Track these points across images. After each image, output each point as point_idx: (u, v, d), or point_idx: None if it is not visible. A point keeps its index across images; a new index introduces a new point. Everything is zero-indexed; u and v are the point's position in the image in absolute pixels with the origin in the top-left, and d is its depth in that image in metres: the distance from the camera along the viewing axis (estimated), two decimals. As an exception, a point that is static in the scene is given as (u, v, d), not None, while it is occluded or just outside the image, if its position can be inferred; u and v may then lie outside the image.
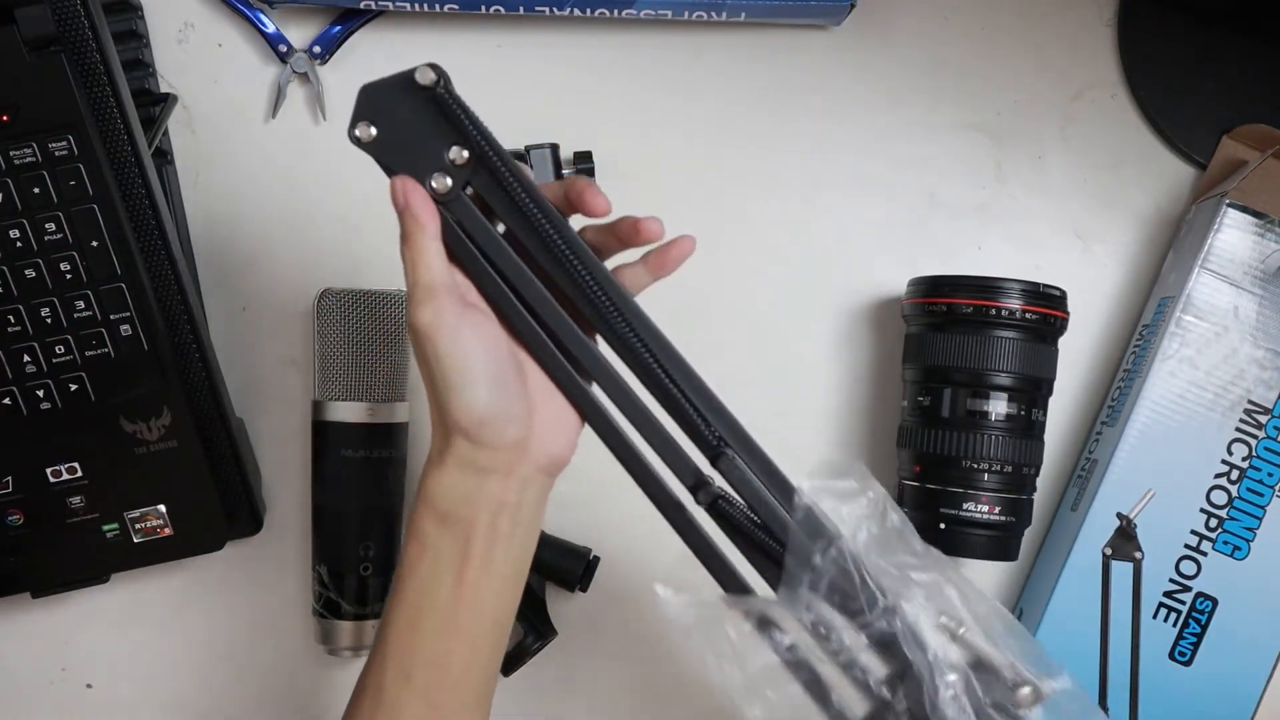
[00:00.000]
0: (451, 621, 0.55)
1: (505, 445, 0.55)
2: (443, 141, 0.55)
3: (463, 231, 0.56)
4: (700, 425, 0.56)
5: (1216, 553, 0.74)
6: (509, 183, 0.55)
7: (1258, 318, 0.74)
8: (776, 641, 0.54)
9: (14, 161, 0.67)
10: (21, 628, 0.77)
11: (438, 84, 0.54)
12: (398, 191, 0.55)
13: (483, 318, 0.56)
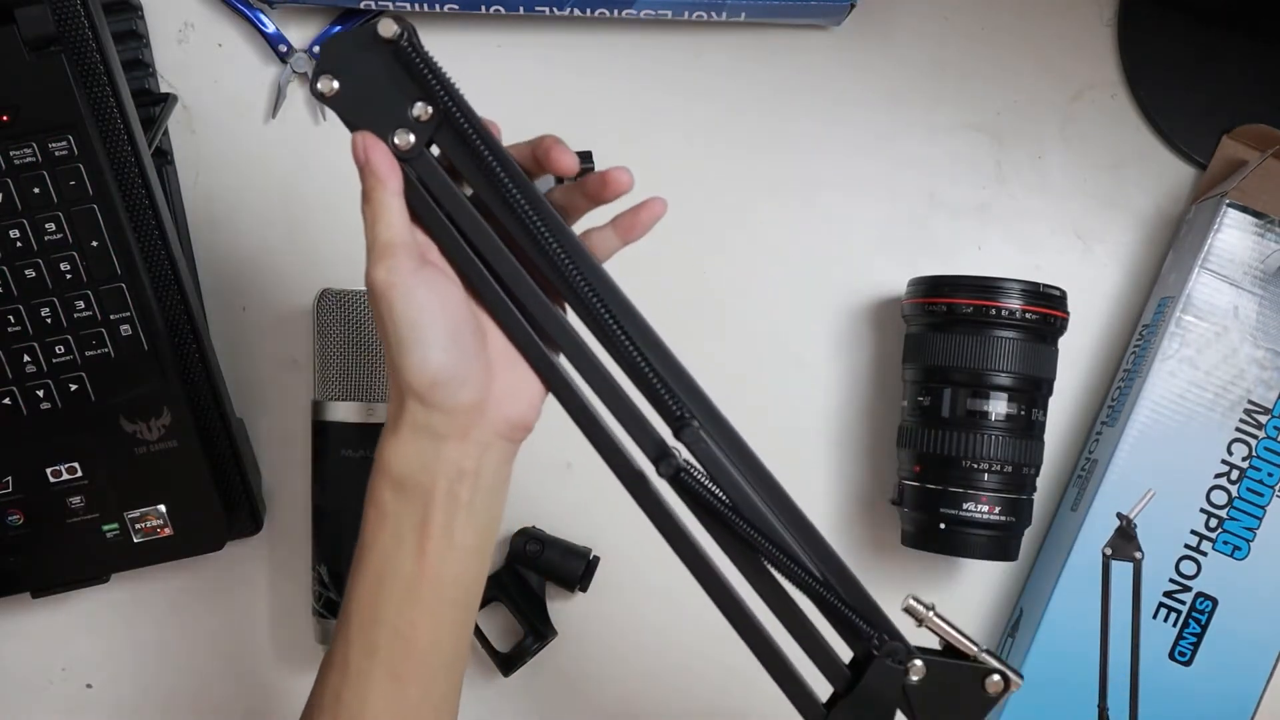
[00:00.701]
0: (414, 592, 0.54)
1: (459, 408, 0.54)
2: (406, 97, 0.54)
3: (426, 190, 0.55)
4: (664, 395, 0.55)
5: (1216, 553, 0.74)
6: (473, 140, 0.54)
7: (1258, 318, 0.74)
8: None
9: (14, 161, 0.67)
10: (21, 628, 0.77)
11: (401, 36, 0.53)
12: (358, 147, 0.54)
13: (441, 277, 0.54)
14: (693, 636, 0.79)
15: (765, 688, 0.80)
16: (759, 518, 0.56)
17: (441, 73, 0.54)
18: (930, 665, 0.56)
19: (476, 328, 0.55)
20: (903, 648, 0.56)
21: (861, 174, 0.80)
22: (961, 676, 0.56)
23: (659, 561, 0.78)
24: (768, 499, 0.56)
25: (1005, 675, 0.56)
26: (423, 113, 0.54)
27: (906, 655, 0.56)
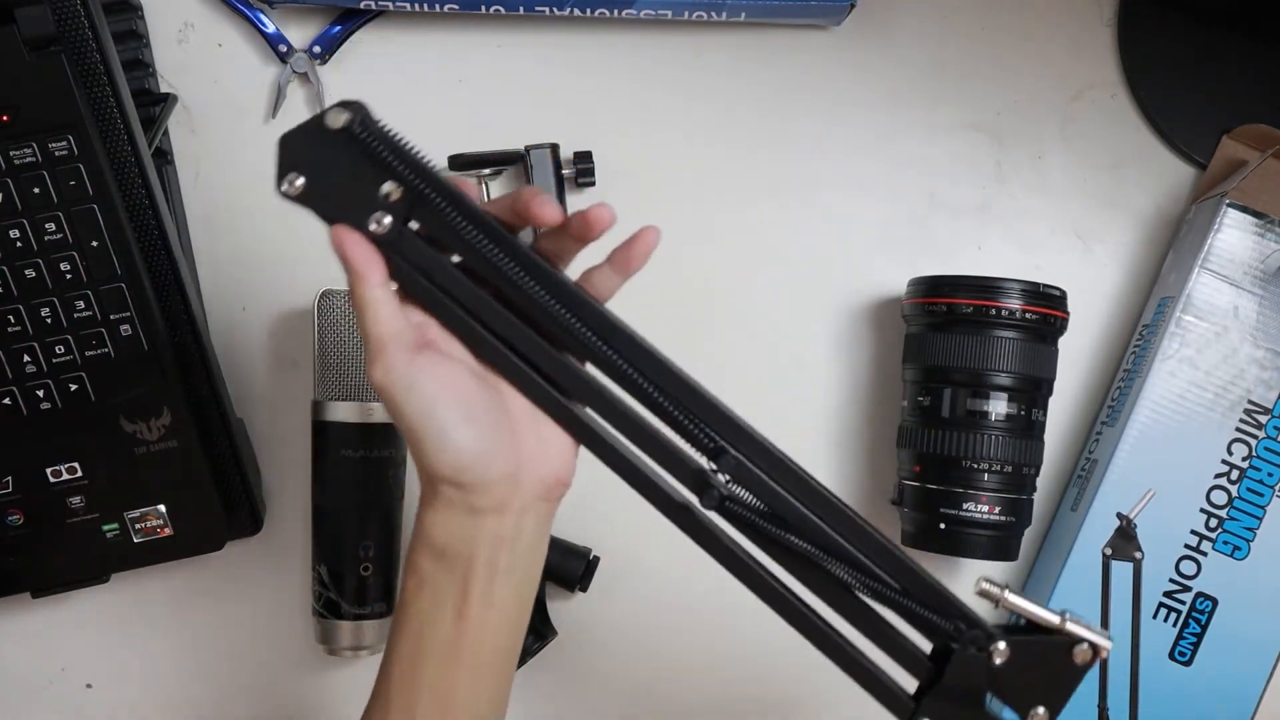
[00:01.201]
0: (454, 655, 0.54)
1: (492, 483, 0.53)
2: (373, 179, 0.53)
3: (414, 267, 0.54)
4: (692, 428, 0.55)
5: (1216, 553, 0.74)
6: (445, 213, 0.52)
7: (1258, 318, 0.74)
8: None
9: (14, 161, 0.67)
10: (21, 628, 0.77)
11: (352, 124, 0.52)
12: (335, 243, 0.53)
13: (442, 360, 0.53)
14: (692, 636, 0.79)
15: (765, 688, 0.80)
16: (812, 530, 0.55)
17: (401, 148, 0.52)
18: (1014, 645, 0.55)
19: (492, 400, 0.54)
20: (983, 634, 0.55)
21: (861, 174, 0.80)
22: (1048, 650, 0.55)
23: (659, 562, 0.78)
24: (816, 507, 0.55)
25: (1093, 643, 0.55)
26: (392, 190, 0.53)
27: (988, 640, 0.55)
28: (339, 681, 0.78)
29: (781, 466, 0.55)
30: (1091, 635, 0.55)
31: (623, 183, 0.79)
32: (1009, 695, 0.56)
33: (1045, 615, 0.55)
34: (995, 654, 0.55)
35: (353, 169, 0.53)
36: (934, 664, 0.56)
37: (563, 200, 0.77)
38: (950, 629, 0.55)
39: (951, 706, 0.56)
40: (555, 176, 0.77)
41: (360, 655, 0.75)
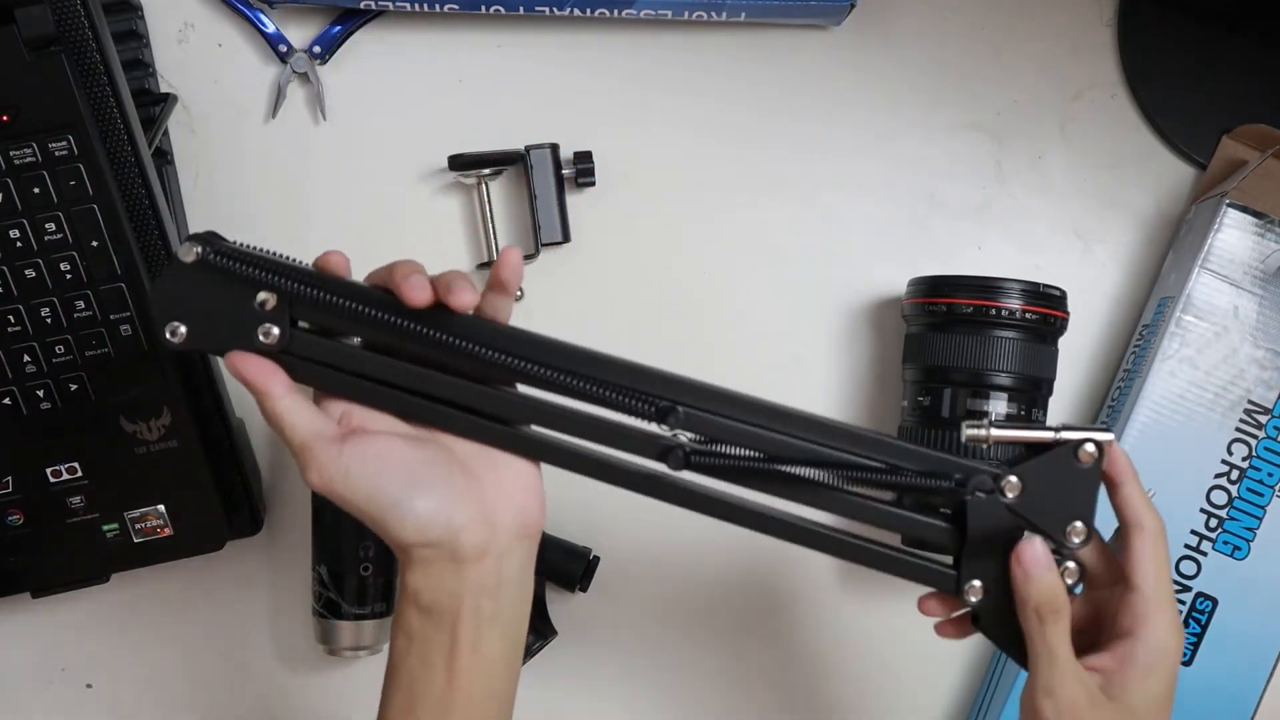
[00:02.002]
0: (447, 705, 0.55)
1: (463, 531, 0.54)
2: (245, 295, 0.54)
3: (316, 361, 0.55)
4: (630, 401, 0.55)
5: (1217, 553, 0.74)
6: (320, 299, 0.54)
7: (1258, 318, 0.74)
8: None
9: (14, 161, 0.67)
10: (21, 628, 0.77)
11: (205, 254, 0.54)
12: (231, 370, 0.54)
13: (368, 440, 0.54)
14: (692, 636, 0.79)
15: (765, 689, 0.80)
16: (784, 448, 0.55)
17: (259, 257, 0.54)
18: (1020, 474, 0.55)
19: (436, 456, 0.55)
20: (986, 476, 0.55)
21: (861, 174, 0.80)
22: (1055, 466, 0.55)
23: (659, 561, 0.78)
24: (779, 425, 0.56)
25: (1093, 440, 0.54)
26: (267, 299, 0.54)
27: (993, 480, 0.55)
28: (339, 681, 0.78)
29: (730, 400, 0.56)
30: (1088, 433, 0.54)
31: (623, 183, 0.79)
32: (1038, 524, 0.55)
33: (1038, 434, 0.55)
34: (1007, 489, 0.55)
35: (224, 294, 0.54)
36: (957, 527, 0.56)
37: (562, 200, 0.77)
38: (953, 485, 0.55)
39: (990, 558, 0.56)
40: (555, 176, 0.77)
41: (360, 655, 0.75)
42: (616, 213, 0.79)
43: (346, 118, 0.79)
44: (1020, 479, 0.55)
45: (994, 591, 0.56)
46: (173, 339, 0.55)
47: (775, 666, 0.80)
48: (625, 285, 0.79)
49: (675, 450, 0.55)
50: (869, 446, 0.56)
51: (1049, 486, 0.55)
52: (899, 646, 0.79)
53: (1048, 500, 0.55)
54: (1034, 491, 0.55)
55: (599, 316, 0.79)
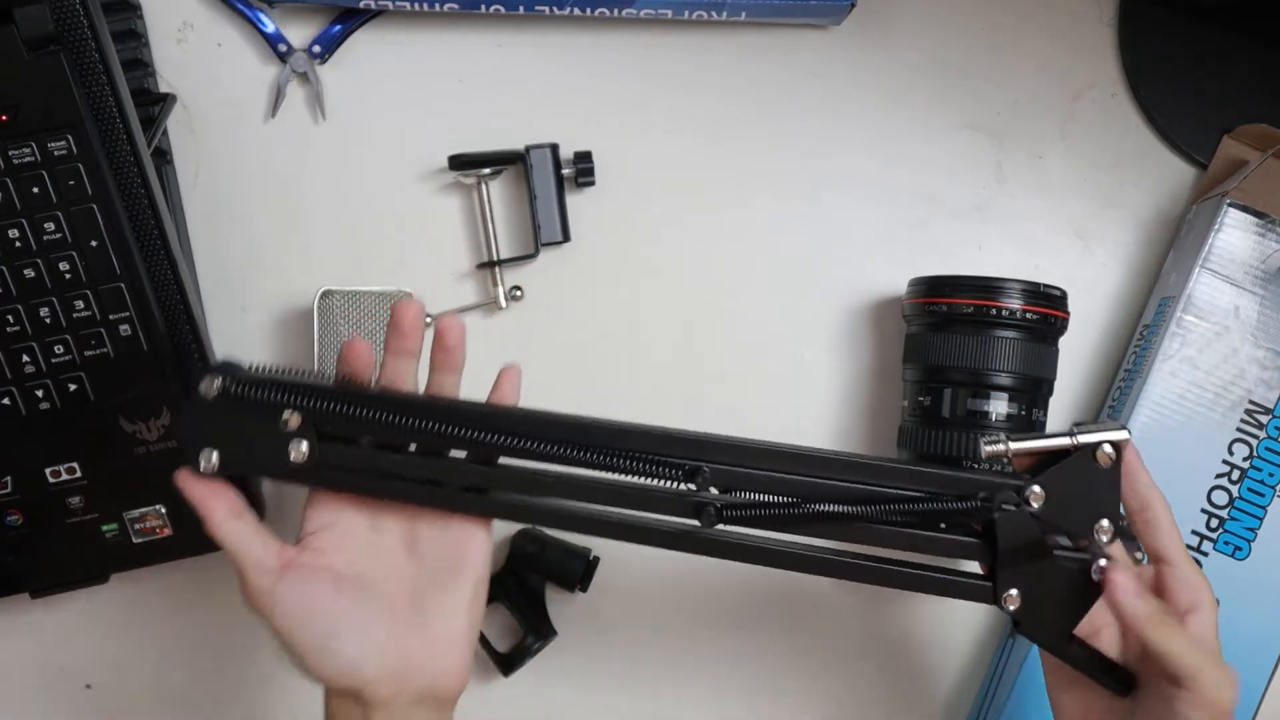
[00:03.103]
0: None
1: (371, 681, 0.55)
2: (271, 417, 0.56)
3: (347, 469, 0.57)
4: (656, 468, 0.56)
5: (1217, 553, 0.74)
6: (342, 415, 0.55)
7: (1259, 318, 0.74)
8: None
9: (13, 161, 0.67)
10: (21, 628, 0.77)
11: (226, 385, 0.56)
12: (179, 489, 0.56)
13: (301, 581, 0.56)
14: (692, 636, 0.79)
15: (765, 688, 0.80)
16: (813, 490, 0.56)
17: (278, 381, 0.56)
18: (1043, 483, 0.56)
19: (366, 608, 0.57)
20: (1010, 491, 0.56)
21: (861, 174, 0.80)
22: (1075, 470, 0.56)
23: (659, 561, 0.78)
24: (806, 467, 0.57)
25: (1109, 440, 0.55)
26: (291, 420, 0.56)
27: (1017, 493, 0.56)
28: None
29: (753, 451, 0.57)
30: (1104, 434, 0.55)
31: (623, 183, 0.79)
32: (1066, 528, 0.57)
33: (1054, 442, 0.56)
34: (1032, 499, 0.56)
35: (250, 419, 0.56)
36: (988, 541, 0.57)
37: (562, 200, 0.77)
38: (979, 505, 0.56)
39: (1024, 566, 0.57)
40: (555, 176, 0.77)
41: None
42: (616, 213, 0.79)
43: (346, 117, 0.79)
44: (1044, 488, 0.56)
45: (1031, 597, 0.57)
46: (207, 470, 0.57)
47: (775, 666, 0.79)
48: (625, 285, 0.79)
49: (707, 508, 0.57)
50: (889, 476, 0.57)
51: (1071, 490, 0.56)
52: (899, 646, 0.79)
53: (1071, 503, 0.56)
54: (1057, 497, 0.56)
55: (599, 316, 0.79)
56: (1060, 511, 0.56)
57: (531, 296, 0.79)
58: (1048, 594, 0.57)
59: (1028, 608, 0.57)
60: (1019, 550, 0.57)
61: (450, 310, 0.78)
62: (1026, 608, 0.57)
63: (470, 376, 0.78)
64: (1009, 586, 0.57)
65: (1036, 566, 0.56)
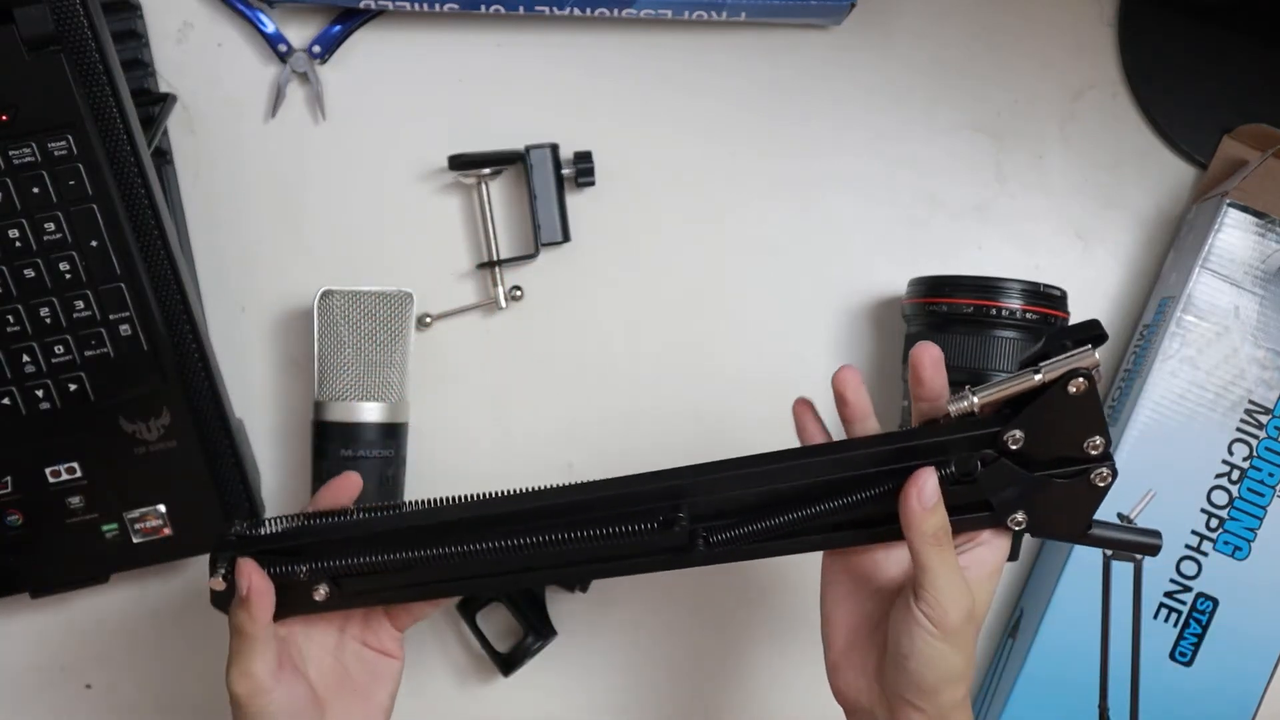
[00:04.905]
0: None
1: None
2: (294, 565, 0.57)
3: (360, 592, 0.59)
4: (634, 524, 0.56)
5: (1217, 553, 0.74)
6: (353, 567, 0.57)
7: (1259, 318, 0.74)
8: None
9: (13, 161, 0.67)
10: (21, 628, 0.77)
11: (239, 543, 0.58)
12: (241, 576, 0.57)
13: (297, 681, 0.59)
14: (692, 636, 0.79)
15: (766, 688, 0.80)
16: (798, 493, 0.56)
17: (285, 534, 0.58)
18: (1022, 424, 0.55)
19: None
20: (985, 442, 0.55)
21: (861, 174, 0.80)
22: (1051, 406, 0.54)
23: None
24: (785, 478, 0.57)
25: (1077, 371, 0.53)
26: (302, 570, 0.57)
27: (993, 443, 0.55)
28: (339, 682, 0.78)
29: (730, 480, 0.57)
30: (1069, 363, 0.53)
31: (622, 183, 0.79)
32: (1053, 456, 0.55)
33: (1020, 385, 0.54)
34: (1011, 443, 0.55)
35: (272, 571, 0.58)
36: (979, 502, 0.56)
37: (562, 200, 0.77)
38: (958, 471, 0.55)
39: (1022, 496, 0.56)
40: (555, 176, 0.77)
41: (360, 655, 0.75)
42: (616, 213, 0.79)
43: (346, 117, 0.79)
44: (1021, 429, 0.55)
45: (1034, 512, 0.57)
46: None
47: (776, 666, 0.79)
48: (625, 285, 0.79)
49: (695, 540, 0.57)
50: (869, 461, 0.57)
51: (1052, 426, 0.55)
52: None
53: (1054, 438, 0.55)
54: (1037, 436, 0.55)
55: (599, 316, 0.79)
56: (1045, 448, 0.55)
57: (531, 296, 0.79)
58: (1051, 505, 0.56)
59: (1035, 522, 0.57)
60: (1012, 489, 0.56)
61: (451, 310, 0.78)
62: (1034, 522, 0.57)
63: (470, 377, 0.79)
64: (1012, 512, 0.57)
65: (1034, 492, 0.56)
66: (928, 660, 0.55)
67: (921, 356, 0.57)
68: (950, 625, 0.55)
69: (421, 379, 0.77)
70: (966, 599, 0.56)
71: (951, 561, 0.55)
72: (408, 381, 0.74)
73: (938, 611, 0.55)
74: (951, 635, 0.55)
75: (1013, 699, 0.75)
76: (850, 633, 0.61)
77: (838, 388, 0.60)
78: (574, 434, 0.79)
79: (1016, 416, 0.55)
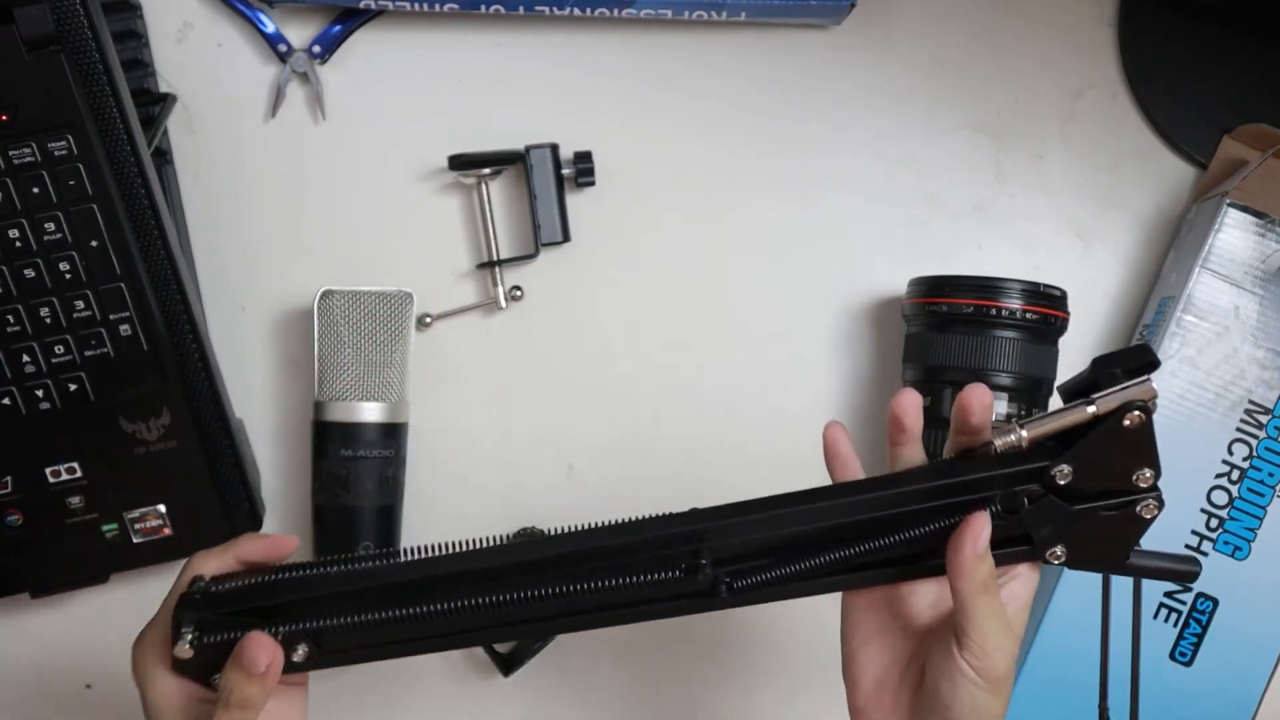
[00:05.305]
0: None
1: None
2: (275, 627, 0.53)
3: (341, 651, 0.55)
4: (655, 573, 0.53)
5: (1217, 553, 0.74)
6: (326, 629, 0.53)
7: (1258, 318, 0.74)
8: None
9: (13, 161, 0.67)
10: (21, 628, 0.77)
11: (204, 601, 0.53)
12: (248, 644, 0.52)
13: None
14: (692, 635, 0.79)
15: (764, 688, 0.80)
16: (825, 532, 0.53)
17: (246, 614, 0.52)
18: (1071, 460, 0.52)
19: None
20: (1031, 477, 0.52)
21: (861, 174, 0.80)
22: (1102, 441, 0.51)
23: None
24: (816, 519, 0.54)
25: (1132, 402, 0.50)
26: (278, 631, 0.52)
27: (1040, 477, 0.52)
28: (338, 681, 0.78)
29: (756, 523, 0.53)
30: (1126, 394, 0.50)
31: (622, 183, 0.79)
32: (1104, 494, 0.53)
33: (1071, 418, 0.51)
34: (1059, 478, 0.52)
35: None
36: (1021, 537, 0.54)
37: (562, 200, 0.77)
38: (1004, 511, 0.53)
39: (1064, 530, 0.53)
40: (555, 176, 0.77)
41: (360, 655, 0.75)
42: (616, 213, 0.79)
43: (346, 117, 0.79)
44: (1070, 465, 0.52)
45: (1074, 545, 0.54)
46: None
47: (776, 668, 0.79)
48: (625, 285, 0.79)
49: (718, 586, 0.53)
50: (905, 500, 0.54)
51: (1102, 459, 0.52)
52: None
53: (1103, 467, 0.52)
54: (1087, 471, 0.52)
55: (599, 316, 0.79)
56: (1092, 477, 0.52)
57: (531, 296, 0.79)
58: (1092, 538, 0.54)
59: (1074, 556, 0.55)
60: (1062, 532, 0.54)
61: (451, 310, 0.78)
62: (1074, 556, 0.55)
63: (470, 377, 0.79)
64: (1052, 546, 0.54)
65: (1075, 525, 0.54)
66: (971, 710, 0.53)
67: (971, 402, 0.53)
68: (997, 675, 0.53)
69: (421, 379, 0.77)
70: (1013, 646, 0.53)
71: (999, 609, 0.53)
72: (408, 381, 0.75)
73: (985, 662, 0.52)
74: (996, 685, 0.53)
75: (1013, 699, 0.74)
76: (880, 672, 0.57)
77: (895, 412, 0.57)
78: (574, 434, 0.79)
79: (1065, 451, 0.52)
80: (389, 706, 0.79)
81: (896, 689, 0.57)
